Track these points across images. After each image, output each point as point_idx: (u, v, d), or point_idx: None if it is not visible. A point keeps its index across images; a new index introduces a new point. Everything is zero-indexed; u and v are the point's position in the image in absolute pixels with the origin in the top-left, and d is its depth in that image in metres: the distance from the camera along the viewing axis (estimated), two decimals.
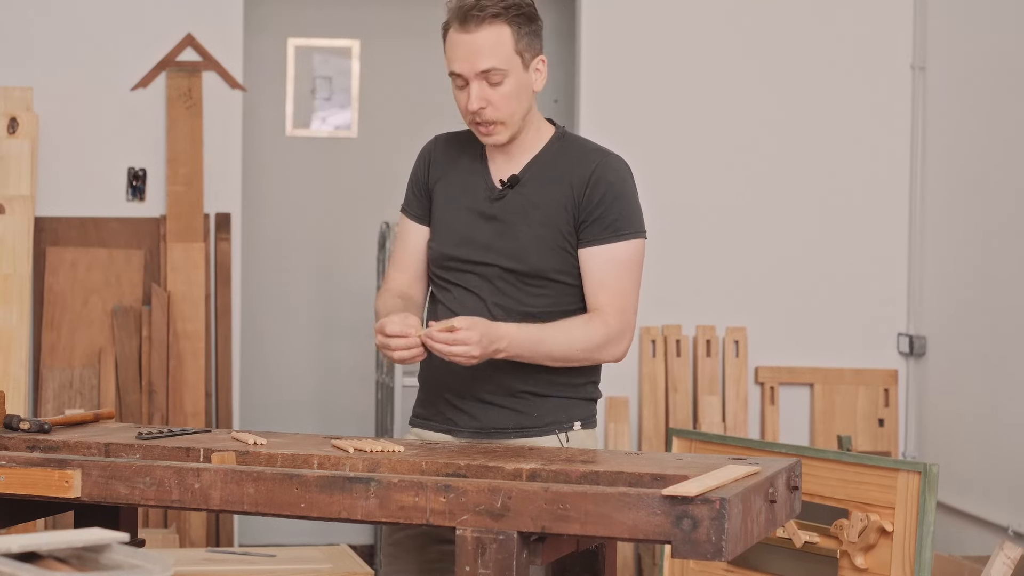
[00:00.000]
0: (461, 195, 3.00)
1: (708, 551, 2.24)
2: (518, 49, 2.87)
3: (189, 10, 5.57)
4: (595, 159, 2.94)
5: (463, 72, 2.86)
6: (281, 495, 2.48)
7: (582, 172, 2.92)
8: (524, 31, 2.88)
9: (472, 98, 2.86)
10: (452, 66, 2.88)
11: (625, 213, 2.91)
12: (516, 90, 2.88)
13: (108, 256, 5.47)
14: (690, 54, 5.74)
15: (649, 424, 5.63)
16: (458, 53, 2.86)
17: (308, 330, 6.56)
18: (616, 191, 2.91)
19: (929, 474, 3.53)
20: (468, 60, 2.85)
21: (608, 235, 2.90)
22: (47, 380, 5.35)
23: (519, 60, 2.88)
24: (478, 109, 2.86)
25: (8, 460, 2.65)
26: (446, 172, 3.03)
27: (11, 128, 5.25)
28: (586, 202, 2.90)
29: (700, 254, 5.73)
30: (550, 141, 2.98)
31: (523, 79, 2.89)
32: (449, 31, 2.89)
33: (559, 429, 2.97)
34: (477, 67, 2.84)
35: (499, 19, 2.84)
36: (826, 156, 5.77)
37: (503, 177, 2.97)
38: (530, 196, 2.93)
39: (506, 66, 2.86)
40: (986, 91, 5.27)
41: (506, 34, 2.86)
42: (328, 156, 6.56)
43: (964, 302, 5.37)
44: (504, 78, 2.86)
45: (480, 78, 2.85)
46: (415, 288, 3.09)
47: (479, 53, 2.84)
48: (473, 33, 2.84)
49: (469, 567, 2.34)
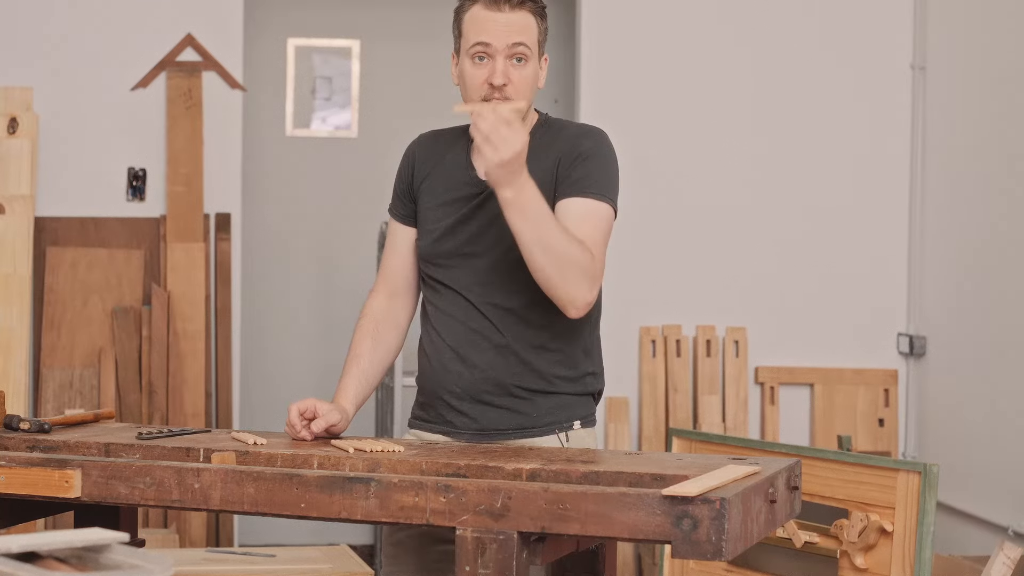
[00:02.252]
0: (446, 191, 2.99)
1: (708, 551, 2.24)
2: (539, 39, 2.92)
3: (189, 10, 5.57)
4: (574, 132, 2.97)
5: (494, 42, 2.86)
6: (281, 495, 2.48)
7: (563, 147, 2.93)
8: (542, 27, 2.94)
9: (498, 72, 2.86)
10: (481, 36, 2.87)
11: (598, 175, 2.89)
12: (533, 76, 2.91)
13: (108, 256, 5.47)
14: (690, 54, 5.74)
15: (649, 424, 5.63)
16: (487, 27, 2.87)
17: (308, 330, 6.56)
18: (590, 153, 2.91)
19: (929, 474, 3.53)
20: (503, 33, 2.87)
21: (578, 191, 2.88)
22: (47, 380, 5.35)
23: (538, 50, 2.93)
24: (503, 84, 2.86)
25: (8, 460, 2.65)
26: (431, 171, 3.03)
27: (11, 128, 5.26)
28: (564, 167, 2.90)
29: (700, 254, 5.73)
30: (535, 127, 2.98)
31: (537, 69, 2.93)
32: (473, 8, 2.90)
33: (559, 429, 2.97)
34: (511, 39, 2.86)
35: (527, 7, 2.90)
36: (826, 156, 5.77)
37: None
38: None
39: (531, 50, 2.90)
40: (986, 91, 5.27)
41: (532, 23, 2.91)
42: (328, 156, 6.56)
43: (964, 302, 5.37)
44: (528, 60, 2.89)
45: (508, 54, 2.87)
46: (398, 305, 3.09)
47: (512, 30, 2.87)
48: (507, 13, 2.87)
49: (469, 567, 2.34)
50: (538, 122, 3.00)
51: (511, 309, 2.93)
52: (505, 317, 2.92)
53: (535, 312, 2.92)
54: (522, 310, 2.93)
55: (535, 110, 3.03)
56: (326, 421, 2.89)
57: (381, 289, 3.12)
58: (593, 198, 2.88)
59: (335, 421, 2.91)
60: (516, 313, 2.93)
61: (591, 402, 3.03)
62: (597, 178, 2.89)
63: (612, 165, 2.94)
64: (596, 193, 2.88)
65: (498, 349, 2.92)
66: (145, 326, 5.40)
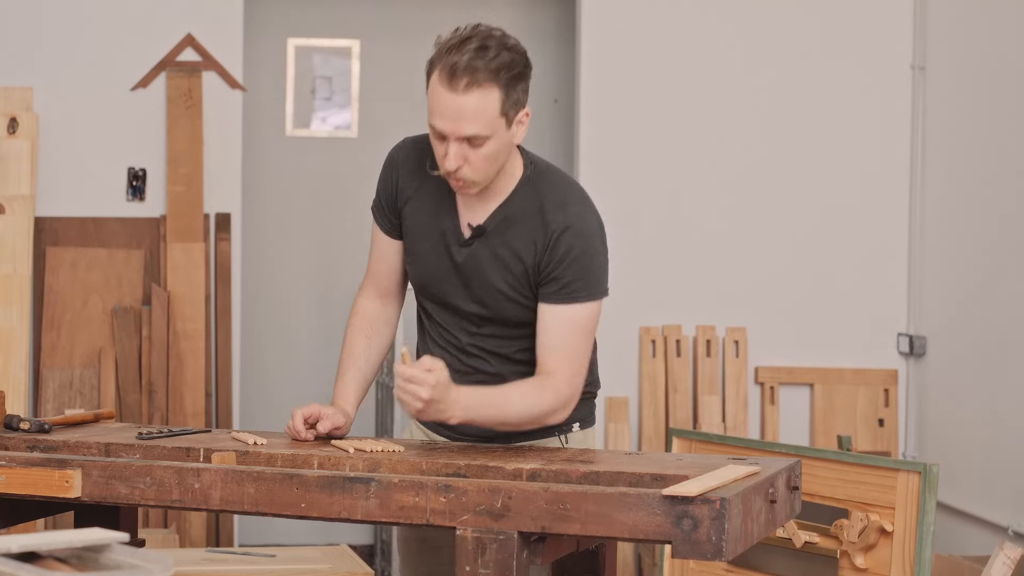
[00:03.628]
0: (430, 231, 2.91)
1: (708, 551, 2.24)
2: (504, 111, 2.71)
3: (189, 10, 5.57)
4: (559, 219, 2.80)
5: (444, 131, 2.71)
6: (281, 495, 2.48)
7: (545, 230, 2.80)
8: (513, 91, 2.72)
9: (450, 157, 2.72)
10: (433, 120, 2.72)
11: (583, 276, 2.79)
12: (496, 151, 2.74)
13: (108, 256, 5.47)
14: (689, 54, 5.74)
15: (649, 424, 5.63)
16: (440, 110, 2.70)
17: (308, 330, 6.56)
18: (576, 253, 2.78)
19: (929, 474, 3.53)
20: (452, 121, 2.69)
21: (563, 296, 2.80)
22: (47, 380, 5.35)
23: (504, 121, 2.72)
24: (455, 169, 2.74)
25: (8, 460, 2.65)
26: (416, 195, 2.92)
27: (11, 128, 5.26)
28: (546, 260, 2.80)
29: (700, 254, 5.73)
30: (519, 185, 2.84)
31: (505, 138, 2.75)
32: (433, 77, 2.72)
33: (559, 431, 2.97)
34: (460, 132, 2.69)
35: (489, 83, 2.68)
36: (826, 156, 5.77)
37: (471, 222, 2.86)
38: (495, 248, 2.84)
39: (490, 131, 2.70)
40: (986, 91, 5.27)
41: (494, 97, 2.69)
42: (328, 156, 6.56)
43: (964, 302, 5.37)
44: (486, 141, 2.71)
45: (461, 140, 2.71)
46: (388, 307, 3.06)
47: (463, 118, 2.68)
48: (460, 95, 2.67)
49: (469, 567, 2.34)
50: (522, 179, 2.85)
51: (502, 354, 2.92)
52: (494, 357, 2.92)
53: (527, 354, 2.90)
54: (514, 353, 2.92)
55: (521, 154, 2.88)
56: (331, 423, 2.89)
57: (370, 291, 3.10)
58: (579, 303, 2.81)
59: (340, 423, 2.91)
60: (507, 356, 2.92)
61: (589, 403, 3.03)
62: (584, 278, 2.80)
63: (598, 256, 2.82)
64: (583, 297, 2.81)
65: (492, 376, 2.90)
66: (145, 326, 5.40)
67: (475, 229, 2.86)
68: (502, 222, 2.84)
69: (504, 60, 2.70)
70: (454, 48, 2.69)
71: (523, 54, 2.76)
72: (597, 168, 5.70)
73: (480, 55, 2.68)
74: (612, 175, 5.71)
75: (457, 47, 2.69)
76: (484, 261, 2.85)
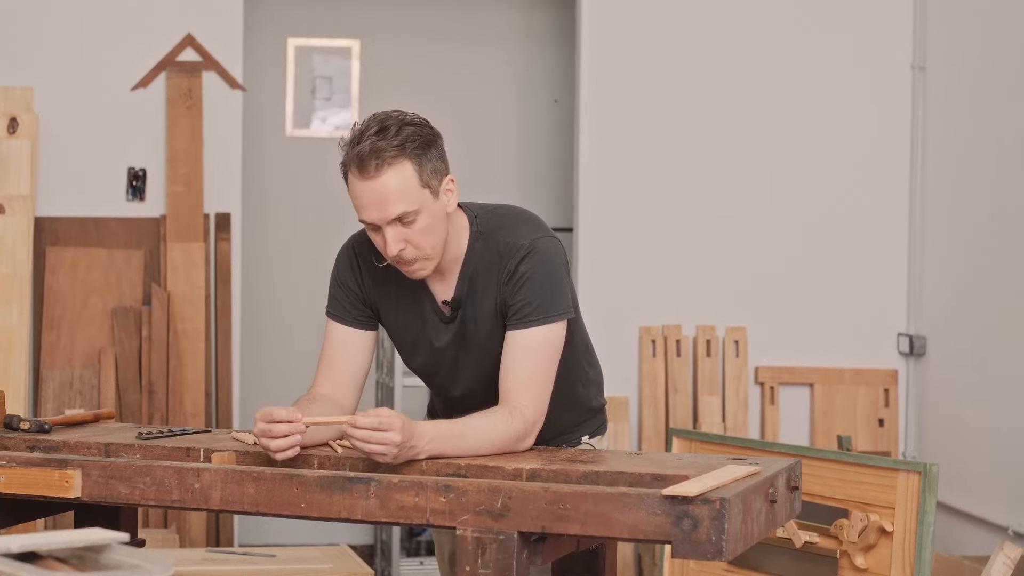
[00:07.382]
0: (413, 320, 2.91)
1: (708, 551, 2.24)
2: (424, 181, 2.72)
3: (189, 10, 5.57)
4: (511, 250, 2.83)
5: (374, 221, 2.73)
6: (281, 495, 2.48)
7: (502, 267, 2.82)
8: (426, 160, 2.73)
9: (389, 243, 2.73)
10: (361, 215, 2.73)
11: (533, 299, 2.79)
12: (431, 223, 2.75)
13: (108, 256, 5.47)
14: (690, 55, 5.74)
15: (649, 424, 5.63)
16: (363, 202, 2.72)
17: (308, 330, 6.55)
18: (526, 276, 2.79)
19: (929, 474, 3.53)
20: (377, 208, 2.71)
21: (517, 322, 2.80)
22: (47, 380, 5.35)
23: (428, 192, 2.73)
24: (398, 253, 2.74)
25: (8, 460, 2.65)
26: (387, 291, 2.92)
27: (11, 128, 5.25)
28: (507, 291, 2.81)
29: (700, 254, 5.73)
30: (470, 243, 2.86)
31: (436, 209, 2.75)
32: (349, 175, 2.74)
33: (567, 444, 3.01)
34: (388, 215, 2.70)
35: (399, 158, 2.70)
36: (826, 156, 5.77)
37: (444, 298, 2.88)
38: (473, 312, 2.86)
39: (417, 205, 2.71)
40: (986, 91, 5.27)
41: (409, 171, 2.71)
42: (328, 156, 6.53)
43: (964, 302, 5.37)
44: (417, 216, 2.72)
45: (393, 223, 2.72)
46: (345, 396, 2.97)
47: (386, 201, 2.70)
48: (375, 179, 2.69)
49: (469, 567, 2.34)
50: (471, 236, 2.86)
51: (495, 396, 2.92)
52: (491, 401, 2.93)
53: None
54: None
55: (464, 212, 2.88)
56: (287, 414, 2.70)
57: (325, 383, 2.99)
58: (535, 326, 2.80)
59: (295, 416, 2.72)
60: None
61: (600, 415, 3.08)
62: (534, 301, 2.80)
63: (550, 277, 2.82)
64: (537, 320, 2.80)
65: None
66: (145, 326, 5.40)
67: (451, 303, 2.87)
68: (469, 284, 2.86)
69: (406, 134, 2.71)
70: (356, 140, 2.73)
71: (424, 124, 2.77)
72: (597, 168, 5.70)
73: (382, 136, 2.70)
74: (612, 175, 5.71)
75: (359, 138, 2.72)
76: (470, 325, 2.87)
